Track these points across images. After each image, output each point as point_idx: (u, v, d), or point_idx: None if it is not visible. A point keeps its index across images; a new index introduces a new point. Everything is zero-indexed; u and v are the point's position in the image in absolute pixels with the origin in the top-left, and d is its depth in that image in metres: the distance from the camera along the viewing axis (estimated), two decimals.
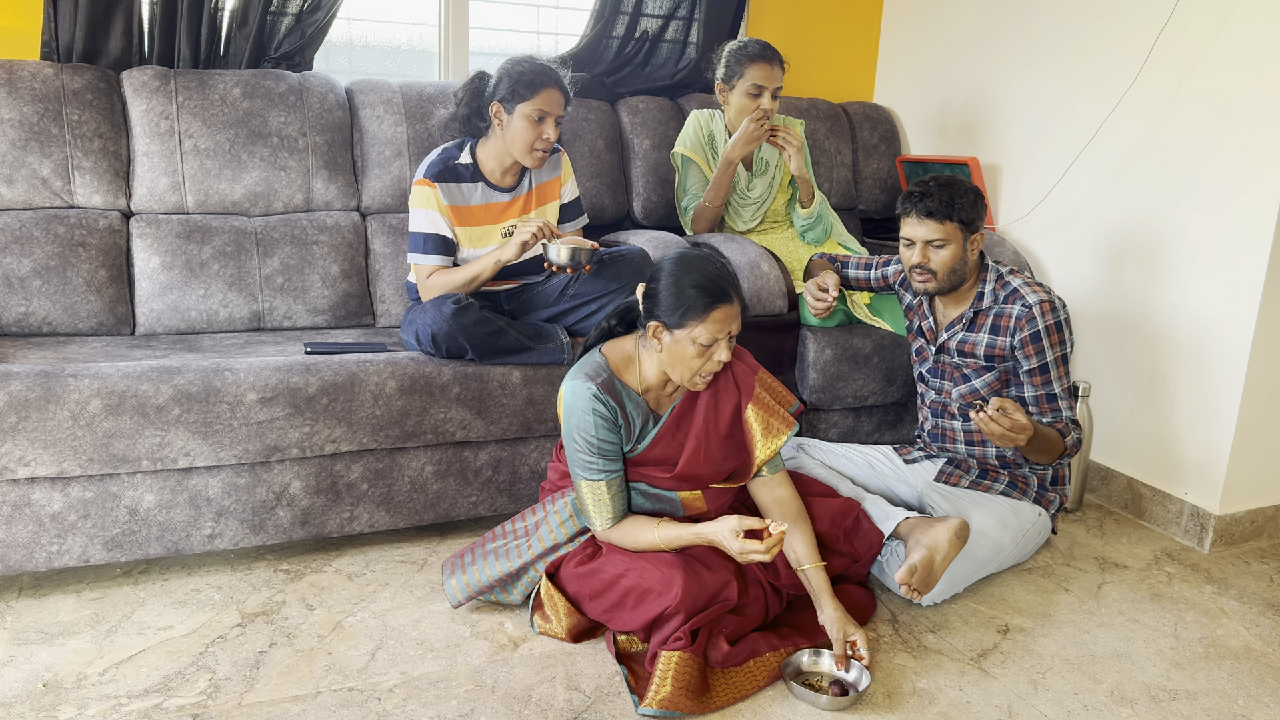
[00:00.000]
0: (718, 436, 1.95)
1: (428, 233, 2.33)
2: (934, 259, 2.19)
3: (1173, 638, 2.06)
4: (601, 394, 1.85)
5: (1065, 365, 2.21)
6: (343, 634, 1.93)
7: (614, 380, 1.90)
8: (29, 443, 1.90)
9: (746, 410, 1.94)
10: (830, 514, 2.04)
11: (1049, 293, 2.20)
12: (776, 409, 1.97)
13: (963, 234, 2.17)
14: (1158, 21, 2.56)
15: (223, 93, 2.63)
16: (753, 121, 2.66)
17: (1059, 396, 2.21)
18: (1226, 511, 2.51)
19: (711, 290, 1.80)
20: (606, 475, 1.88)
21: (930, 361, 2.37)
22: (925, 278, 2.21)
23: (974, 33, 3.22)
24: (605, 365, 1.91)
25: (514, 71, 2.29)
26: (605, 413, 1.86)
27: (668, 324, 1.82)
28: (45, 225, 2.45)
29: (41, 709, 1.66)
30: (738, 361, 1.99)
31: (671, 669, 1.72)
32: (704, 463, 1.94)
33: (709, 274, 1.82)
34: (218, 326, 2.57)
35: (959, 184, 2.18)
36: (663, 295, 1.83)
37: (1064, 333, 2.20)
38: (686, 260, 1.84)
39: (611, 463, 1.89)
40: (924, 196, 2.17)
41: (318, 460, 2.16)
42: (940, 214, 2.15)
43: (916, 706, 1.78)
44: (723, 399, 1.96)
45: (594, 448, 1.86)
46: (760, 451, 1.95)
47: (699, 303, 1.79)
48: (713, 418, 1.95)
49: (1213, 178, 2.45)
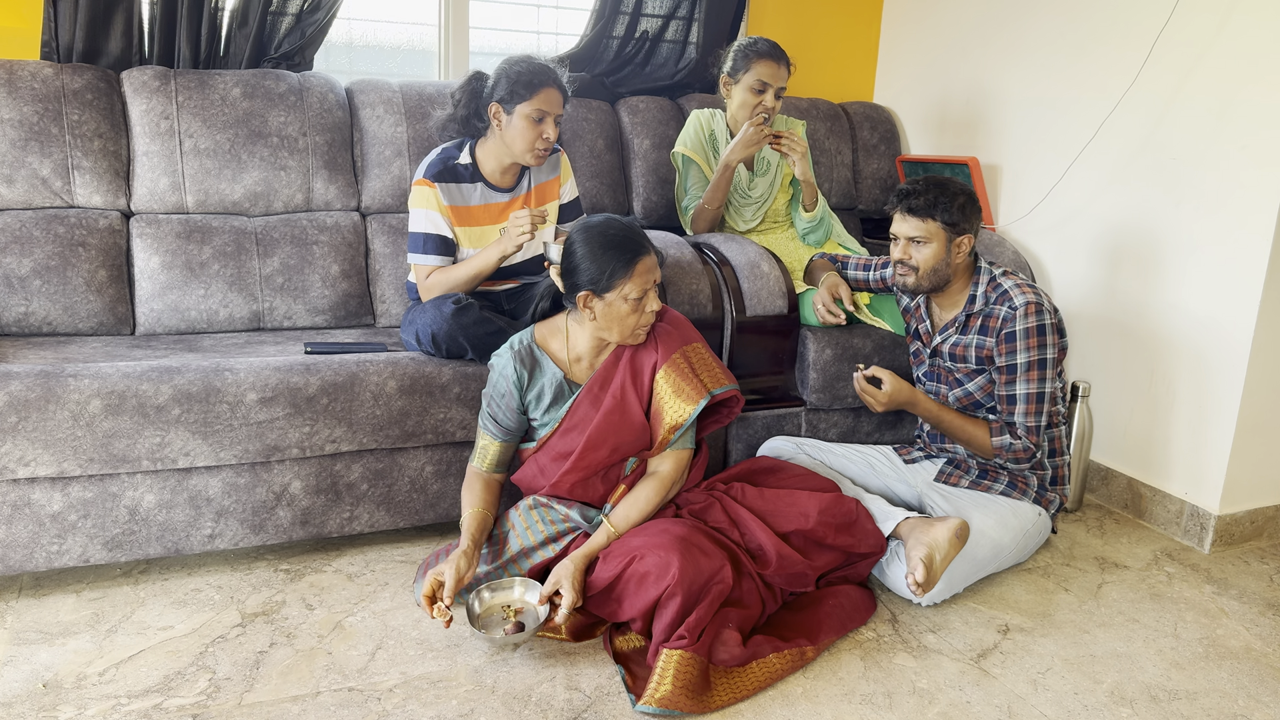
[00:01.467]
0: (637, 399, 2.00)
1: (427, 233, 2.33)
2: (915, 255, 2.21)
3: (1173, 638, 2.06)
4: (514, 360, 2.01)
5: (1041, 370, 2.17)
6: (343, 634, 1.93)
7: (533, 348, 2.03)
8: (29, 443, 1.90)
9: (659, 373, 2.00)
10: (818, 508, 2.03)
11: (1040, 296, 2.19)
12: (692, 376, 2.00)
13: (946, 234, 2.18)
14: (1158, 21, 2.56)
15: (223, 93, 2.63)
16: (753, 125, 2.66)
17: (1018, 399, 2.18)
18: (1226, 511, 2.51)
19: (628, 246, 1.89)
20: (494, 436, 2.07)
21: (926, 364, 2.37)
22: (905, 273, 2.24)
23: (974, 33, 3.22)
24: (528, 337, 2.05)
25: (512, 72, 2.29)
26: (509, 376, 2.00)
27: (595, 291, 1.91)
28: (45, 225, 2.45)
29: (41, 709, 1.66)
30: (668, 326, 2.05)
31: (672, 667, 1.72)
32: (620, 423, 1.99)
33: (619, 233, 1.91)
34: (218, 326, 2.57)
35: (950, 185, 2.19)
36: (583, 265, 1.91)
37: (1045, 337, 2.17)
38: (593, 227, 1.93)
39: (499, 427, 2.05)
40: (910, 194, 2.19)
41: (318, 460, 2.16)
42: (922, 212, 2.17)
43: (916, 706, 1.78)
44: (644, 361, 2.03)
45: (492, 406, 2.04)
46: (666, 418, 1.99)
47: (620, 260, 1.88)
48: (631, 378, 2.02)
49: (1212, 178, 2.45)
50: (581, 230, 1.94)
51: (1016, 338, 2.16)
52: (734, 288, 2.56)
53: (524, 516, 2.03)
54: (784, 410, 2.63)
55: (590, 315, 1.95)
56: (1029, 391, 2.17)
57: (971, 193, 2.21)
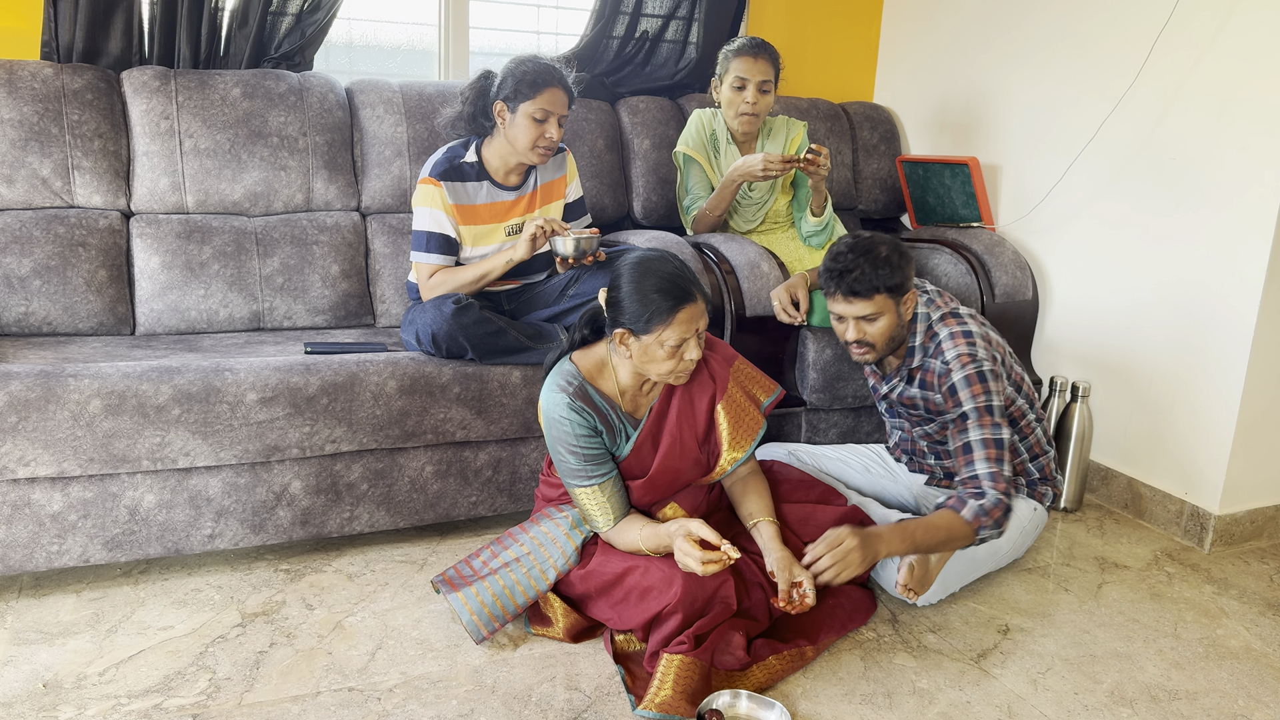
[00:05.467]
0: (693, 433, 1.95)
1: (431, 231, 2.33)
2: (869, 332, 2.06)
3: (1173, 638, 2.06)
4: (575, 403, 1.85)
5: (991, 416, 2.02)
6: (343, 634, 1.93)
7: (586, 387, 1.89)
8: (29, 443, 1.90)
9: (718, 407, 1.96)
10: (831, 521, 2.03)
11: (973, 345, 2.06)
12: (748, 408, 1.98)
13: (893, 300, 2.04)
14: (1158, 21, 2.56)
15: (223, 93, 2.63)
16: (764, 171, 2.59)
17: (974, 447, 2.01)
18: (1226, 511, 2.51)
19: (674, 292, 1.78)
20: (599, 479, 1.88)
21: (884, 404, 2.32)
22: (863, 351, 2.10)
23: (974, 33, 3.22)
24: (577, 373, 1.90)
25: (518, 71, 2.29)
26: (582, 421, 1.86)
27: (634, 330, 1.81)
28: (45, 225, 2.45)
29: (41, 709, 1.66)
30: (712, 354, 1.99)
31: (672, 671, 1.72)
32: (680, 459, 1.94)
33: (669, 275, 1.80)
34: (218, 326, 2.57)
35: (874, 247, 2.02)
36: (625, 303, 1.81)
37: (987, 384, 2.03)
38: (645, 264, 1.82)
39: (600, 466, 1.88)
40: (844, 274, 2.01)
41: (318, 460, 2.16)
42: (865, 291, 2.01)
43: (916, 706, 1.78)
44: (697, 395, 1.96)
45: (579, 455, 1.86)
46: (725, 458, 1.97)
47: (663, 306, 1.77)
48: (689, 414, 1.96)
49: (1213, 178, 2.45)
50: (634, 265, 1.83)
51: (958, 390, 2.05)
52: (734, 288, 2.56)
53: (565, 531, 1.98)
54: (784, 410, 2.63)
55: (627, 353, 1.85)
56: (983, 438, 2.01)
57: (894, 242, 2.05)
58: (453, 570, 1.99)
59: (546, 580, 1.93)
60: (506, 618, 1.91)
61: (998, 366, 2.08)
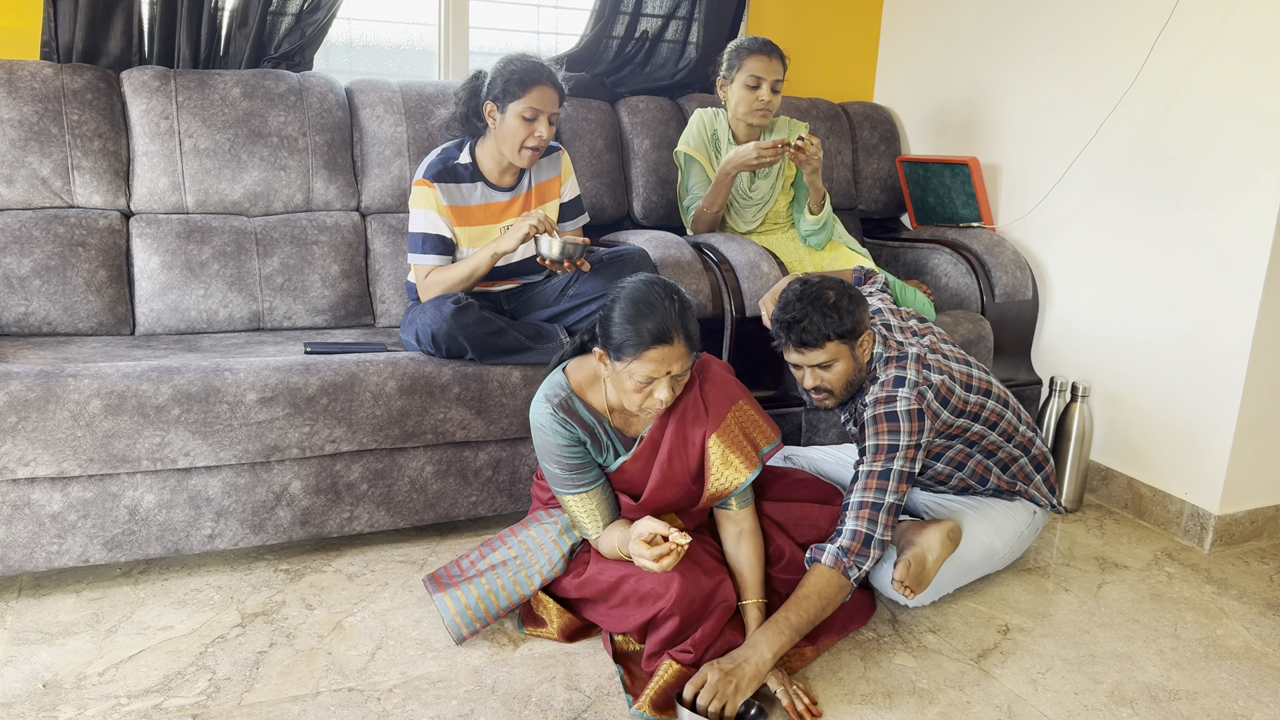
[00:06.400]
0: (684, 467, 1.88)
1: (427, 233, 2.33)
2: (826, 379, 2.03)
3: (1173, 638, 2.06)
4: (559, 414, 1.83)
5: (890, 454, 1.94)
6: (343, 634, 1.93)
7: (572, 400, 1.86)
8: (29, 443, 1.90)
9: (709, 440, 1.87)
10: (828, 520, 2.04)
11: (900, 383, 2.00)
12: (743, 444, 1.88)
13: (848, 346, 2.00)
14: (1158, 21, 2.56)
15: (223, 93, 2.63)
16: (758, 155, 2.61)
17: (859, 478, 1.96)
18: (1226, 511, 2.51)
19: (654, 330, 1.71)
20: (585, 488, 1.86)
21: None
22: (823, 397, 2.06)
23: (974, 33, 3.22)
24: (565, 385, 1.87)
25: (506, 70, 2.29)
26: (565, 433, 1.83)
27: (609, 353, 1.77)
28: (45, 225, 2.45)
29: (41, 709, 1.66)
30: (714, 388, 1.90)
31: (672, 673, 1.73)
32: (670, 489, 1.89)
33: (658, 310, 1.72)
34: (218, 326, 2.57)
35: (822, 293, 1.96)
36: (610, 323, 1.76)
37: (896, 423, 1.96)
38: (641, 291, 1.75)
39: (584, 474, 1.86)
40: (793, 324, 1.96)
41: (318, 460, 2.16)
42: (817, 340, 1.96)
43: (916, 706, 1.78)
44: (691, 427, 1.89)
45: (562, 465, 1.85)
46: (711, 484, 1.87)
47: (637, 340, 1.71)
48: (680, 446, 1.88)
49: (1213, 178, 2.45)
50: (631, 290, 1.77)
51: (867, 425, 2.02)
52: (734, 288, 2.56)
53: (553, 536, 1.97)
54: (783, 411, 2.63)
55: (605, 372, 1.82)
56: (869, 470, 1.95)
57: (843, 286, 2.00)
58: (441, 570, 1.99)
59: (531, 585, 1.92)
60: (489, 619, 1.90)
61: (924, 404, 2.01)
